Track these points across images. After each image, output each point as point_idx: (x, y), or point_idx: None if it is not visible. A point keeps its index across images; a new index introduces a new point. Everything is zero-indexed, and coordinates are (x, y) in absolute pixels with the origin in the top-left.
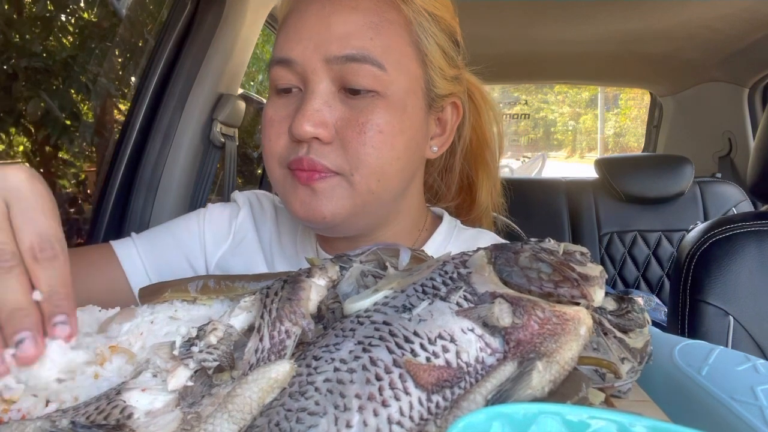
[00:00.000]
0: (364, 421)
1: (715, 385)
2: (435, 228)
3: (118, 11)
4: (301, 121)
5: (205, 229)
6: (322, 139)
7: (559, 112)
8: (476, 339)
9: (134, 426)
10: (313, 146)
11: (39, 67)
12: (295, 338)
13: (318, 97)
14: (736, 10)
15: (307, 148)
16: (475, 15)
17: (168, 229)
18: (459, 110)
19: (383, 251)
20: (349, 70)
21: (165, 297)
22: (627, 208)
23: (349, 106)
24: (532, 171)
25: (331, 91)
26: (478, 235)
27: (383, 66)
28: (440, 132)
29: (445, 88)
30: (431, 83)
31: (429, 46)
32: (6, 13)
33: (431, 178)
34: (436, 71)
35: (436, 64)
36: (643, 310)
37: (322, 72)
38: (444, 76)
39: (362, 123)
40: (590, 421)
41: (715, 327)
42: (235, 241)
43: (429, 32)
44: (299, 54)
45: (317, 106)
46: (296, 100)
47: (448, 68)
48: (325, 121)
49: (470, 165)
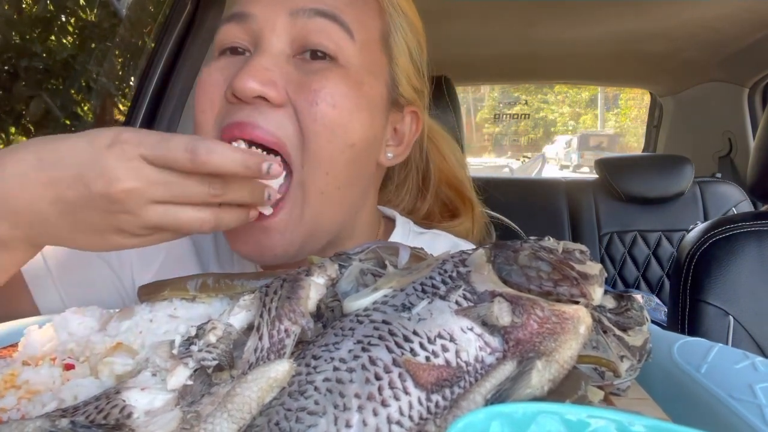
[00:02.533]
0: (364, 420)
1: (714, 382)
2: (387, 237)
3: (118, 11)
4: (246, 75)
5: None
6: (272, 100)
7: (559, 112)
8: (475, 338)
9: (134, 425)
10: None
11: (39, 67)
12: (294, 337)
13: (269, 56)
14: (737, 10)
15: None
16: (475, 15)
17: None
18: (418, 123)
19: (382, 249)
20: (315, 26)
21: (164, 295)
22: (627, 208)
23: (302, 71)
24: (532, 171)
25: (284, 53)
26: (435, 238)
27: (352, 33)
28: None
29: (409, 92)
30: (396, 80)
31: (398, 42)
32: (6, 13)
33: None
34: (402, 70)
35: (402, 64)
36: (642, 308)
37: (282, 28)
38: (409, 79)
39: (315, 90)
40: (589, 420)
41: (715, 327)
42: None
43: (400, 28)
44: (260, 7)
45: (266, 64)
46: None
47: (413, 75)
48: (274, 80)
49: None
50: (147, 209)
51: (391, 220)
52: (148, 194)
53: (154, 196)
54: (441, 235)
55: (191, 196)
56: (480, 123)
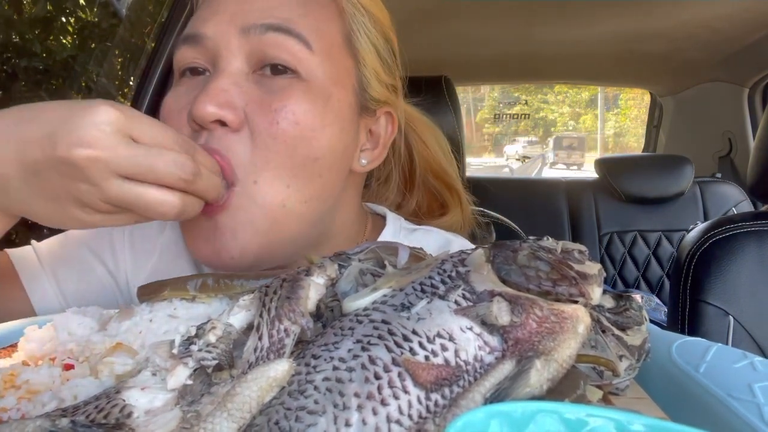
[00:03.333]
0: (363, 419)
1: (713, 382)
2: (377, 234)
3: (118, 11)
4: (203, 100)
5: (125, 243)
6: (229, 123)
7: (559, 112)
8: (475, 337)
9: (134, 425)
10: (215, 134)
11: (39, 67)
12: (294, 337)
13: (227, 76)
14: (737, 10)
15: (207, 137)
16: (475, 15)
17: (77, 241)
18: (394, 123)
19: (382, 249)
20: (269, 41)
21: (164, 295)
22: (627, 208)
23: (264, 89)
24: (531, 171)
25: (243, 72)
26: (426, 234)
27: (309, 44)
28: (372, 146)
29: (380, 93)
30: (365, 83)
31: (362, 42)
32: (6, 13)
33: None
34: (370, 71)
35: (370, 63)
36: (641, 307)
37: (236, 47)
38: (378, 78)
39: (275, 109)
40: (588, 419)
41: (715, 327)
42: (163, 260)
43: (363, 27)
44: (211, 28)
45: (224, 86)
46: (201, 83)
47: (383, 72)
48: (233, 102)
49: (436, 187)
50: (110, 182)
51: (381, 217)
52: (112, 165)
53: (119, 168)
54: (433, 231)
55: (160, 176)
56: (480, 123)
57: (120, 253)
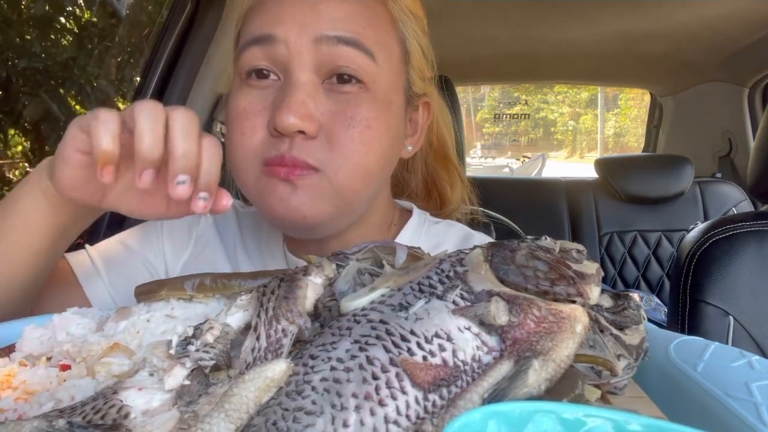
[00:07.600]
0: (361, 420)
1: (711, 381)
2: (404, 223)
3: (118, 11)
4: (286, 112)
5: (164, 240)
6: (308, 133)
7: (559, 112)
8: (473, 337)
9: (131, 425)
10: (295, 141)
11: (39, 67)
12: (291, 337)
13: (303, 88)
14: (737, 10)
15: (289, 144)
16: (475, 15)
17: (122, 243)
18: (430, 110)
19: (380, 249)
20: (340, 54)
21: (161, 295)
22: (627, 208)
23: (335, 99)
24: (532, 171)
25: (314, 82)
26: (449, 227)
27: (374, 56)
28: (412, 132)
29: (421, 88)
30: (410, 82)
31: (412, 46)
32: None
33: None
34: (416, 71)
35: (416, 64)
36: (639, 306)
37: (307, 55)
38: (421, 76)
39: (350, 117)
40: (586, 419)
41: (715, 327)
42: (197, 248)
43: (412, 31)
44: (284, 32)
45: (302, 98)
46: (274, 91)
47: (425, 69)
48: (311, 113)
49: (435, 167)
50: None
51: (407, 211)
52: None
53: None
54: (455, 225)
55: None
56: (480, 123)
57: (156, 246)
